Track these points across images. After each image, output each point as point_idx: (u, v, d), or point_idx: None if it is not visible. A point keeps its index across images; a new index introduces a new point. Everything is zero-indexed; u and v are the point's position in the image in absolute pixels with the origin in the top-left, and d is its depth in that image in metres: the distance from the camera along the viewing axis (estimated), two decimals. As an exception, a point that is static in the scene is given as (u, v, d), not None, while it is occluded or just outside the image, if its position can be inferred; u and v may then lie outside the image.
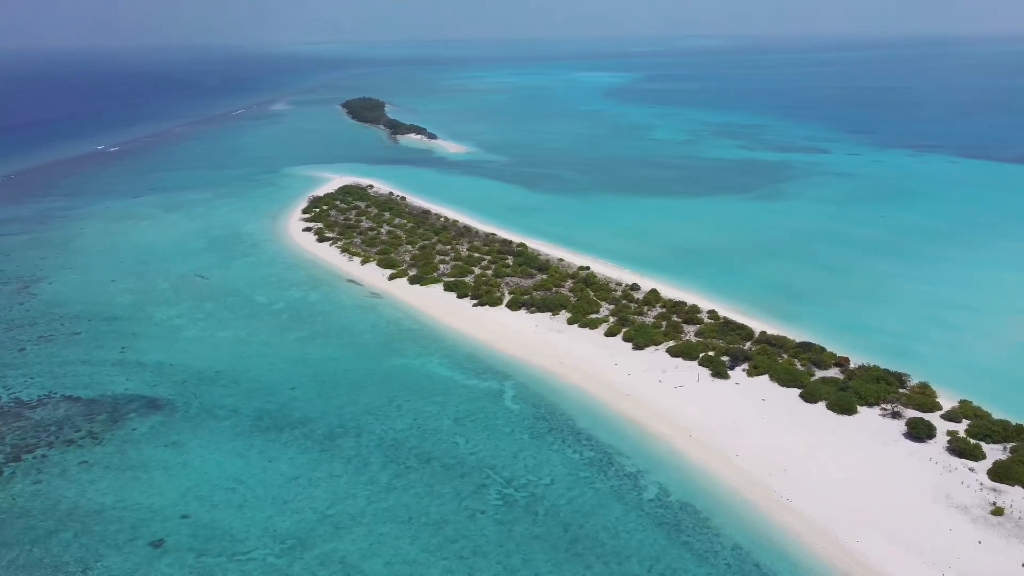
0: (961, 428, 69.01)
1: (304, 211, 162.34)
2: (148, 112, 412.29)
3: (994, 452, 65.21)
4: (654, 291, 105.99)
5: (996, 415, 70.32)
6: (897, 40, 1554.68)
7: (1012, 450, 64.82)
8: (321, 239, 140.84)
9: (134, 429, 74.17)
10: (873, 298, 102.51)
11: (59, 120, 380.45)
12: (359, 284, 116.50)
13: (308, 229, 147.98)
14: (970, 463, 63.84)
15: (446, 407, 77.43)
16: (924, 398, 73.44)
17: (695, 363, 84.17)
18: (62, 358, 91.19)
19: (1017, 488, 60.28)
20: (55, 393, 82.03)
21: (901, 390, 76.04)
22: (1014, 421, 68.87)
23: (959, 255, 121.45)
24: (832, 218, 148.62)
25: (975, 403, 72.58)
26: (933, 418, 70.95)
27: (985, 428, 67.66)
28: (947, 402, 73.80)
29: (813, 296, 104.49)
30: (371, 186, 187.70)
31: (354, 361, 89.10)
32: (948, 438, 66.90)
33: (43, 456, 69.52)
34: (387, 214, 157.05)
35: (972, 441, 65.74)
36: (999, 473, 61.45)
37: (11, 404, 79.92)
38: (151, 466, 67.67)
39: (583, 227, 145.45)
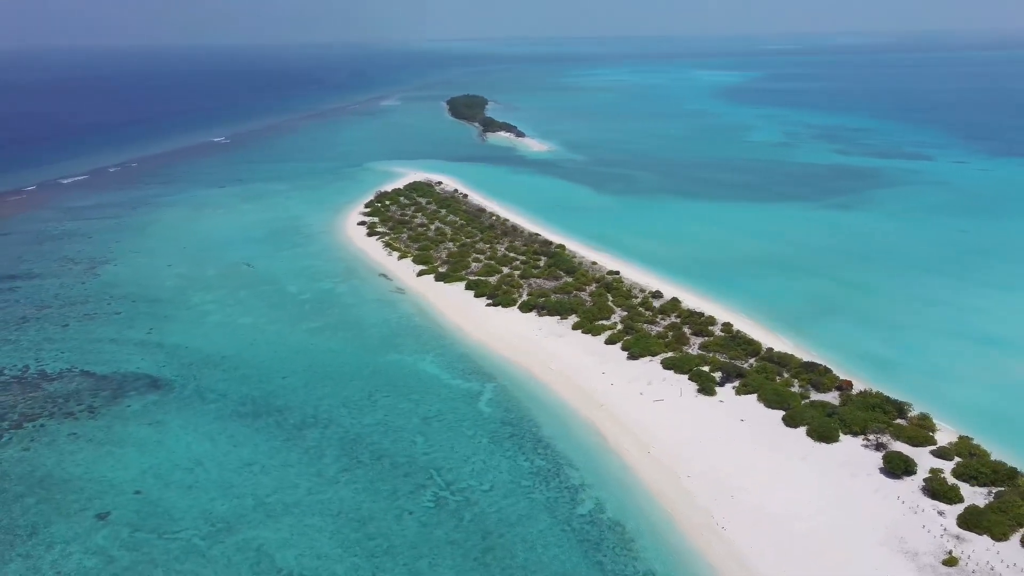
0: (949, 466, 63.01)
1: (366, 205, 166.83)
2: (269, 106, 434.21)
3: (976, 496, 59.16)
4: (674, 299, 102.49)
5: (997, 456, 63.88)
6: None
7: (996, 495, 58.58)
8: (371, 233, 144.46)
9: (128, 406, 78.86)
10: (909, 322, 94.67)
11: (189, 112, 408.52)
12: (389, 279, 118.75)
13: (363, 223, 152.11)
14: (942, 505, 58.17)
15: (420, 405, 77.91)
16: (916, 431, 67.50)
17: (686, 377, 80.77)
18: (96, 335, 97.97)
19: (984, 538, 54.44)
20: (75, 368, 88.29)
21: (898, 420, 70.24)
22: (1013, 464, 62.31)
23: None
24: (903, 231, 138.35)
25: (977, 441, 66.30)
26: (921, 453, 65.21)
27: (973, 469, 61.46)
28: (947, 437, 67.60)
29: (846, 314, 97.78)
30: (440, 183, 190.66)
31: (352, 354, 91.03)
32: (928, 476, 61.24)
33: (41, 426, 75.06)
34: (443, 211, 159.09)
35: (950, 482, 59.89)
36: (968, 520, 55.69)
37: (35, 376, 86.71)
38: (128, 442, 71.74)
39: (633, 230, 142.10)
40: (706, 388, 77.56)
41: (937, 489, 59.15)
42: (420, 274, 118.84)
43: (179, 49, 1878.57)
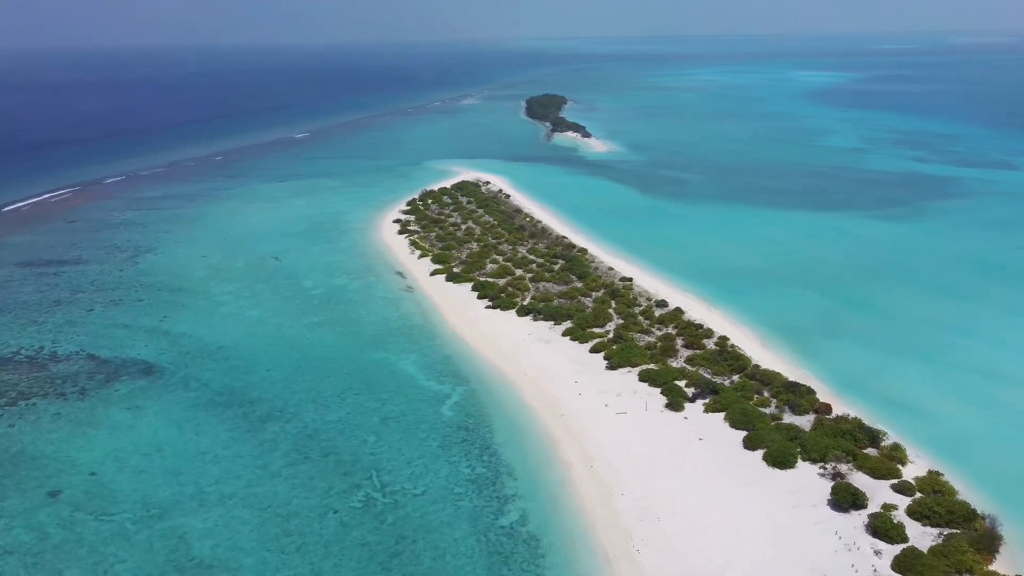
0: (906, 502, 58.59)
1: (408, 203, 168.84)
2: (354, 103, 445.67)
3: (924, 536, 54.81)
4: (677, 309, 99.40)
5: (970, 495, 59.09)
6: None
7: (946, 538, 54.11)
8: (402, 231, 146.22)
9: (117, 390, 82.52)
10: (921, 349, 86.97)
11: (281, 108, 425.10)
12: (403, 277, 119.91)
13: (398, 220, 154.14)
14: (882, 544, 54.14)
15: (386, 405, 78.30)
16: (880, 462, 63.10)
17: (659, 390, 78.12)
18: (113, 321, 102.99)
19: (916, 583, 50.35)
20: (84, 351, 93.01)
21: (869, 449, 65.90)
22: (983, 506, 57.45)
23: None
24: (952, 247, 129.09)
25: (952, 477, 61.47)
26: (882, 486, 60.96)
27: (928, 508, 56.93)
28: (915, 471, 62.92)
29: (857, 334, 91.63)
30: (488, 183, 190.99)
31: (341, 351, 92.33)
32: (876, 511, 57.14)
33: (33, 404, 79.34)
34: (480, 211, 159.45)
35: (895, 520, 55.64)
36: (903, 562, 51.58)
37: (46, 357, 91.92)
38: (103, 425, 75.05)
39: (663, 236, 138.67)
40: (674, 403, 74.84)
41: (879, 526, 55.10)
42: (433, 273, 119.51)
43: (279, 47, 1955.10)
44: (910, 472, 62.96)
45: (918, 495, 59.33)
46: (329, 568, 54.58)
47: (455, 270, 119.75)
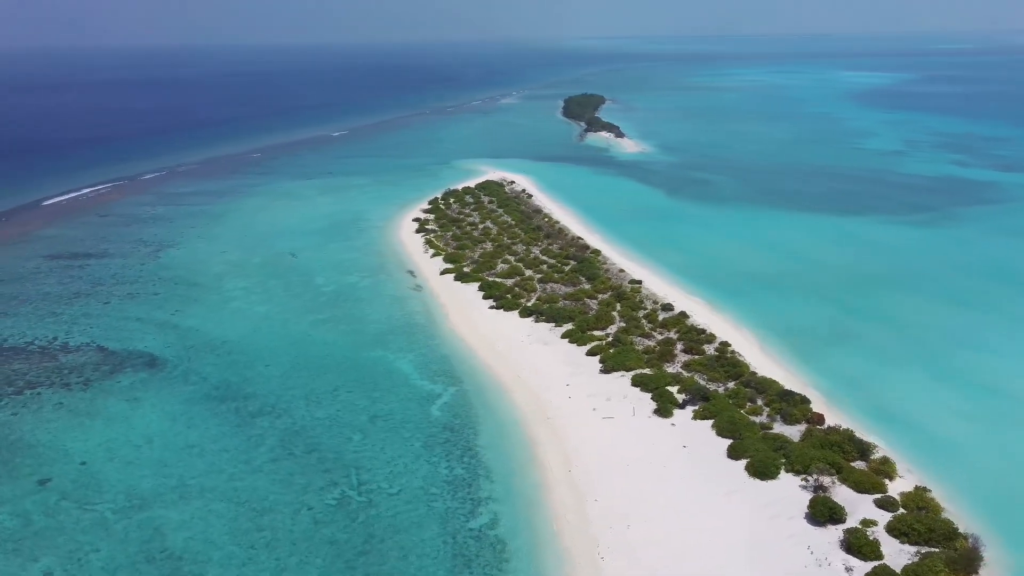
0: (887, 518, 56.77)
1: (429, 202, 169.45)
2: (397, 101, 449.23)
3: (901, 555, 53.02)
4: (682, 313, 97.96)
5: (956, 513, 57.10)
6: None
7: (922, 556, 52.28)
8: (420, 230, 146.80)
9: (119, 382, 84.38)
10: (927, 360, 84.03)
11: (326, 105, 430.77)
12: (413, 276, 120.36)
13: (417, 219, 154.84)
14: (854, 561, 52.54)
15: (376, 403, 78.60)
16: (865, 475, 61.26)
17: (649, 396, 77.02)
18: (127, 313, 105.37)
19: (884, 603, 48.76)
20: (94, 342, 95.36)
21: (858, 462, 64.04)
22: (971, 525, 55.45)
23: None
24: (975, 254, 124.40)
25: (940, 494, 59.43)
26: (864, 500, 59.18)
27: (908, 525, 55.03)
28: (902, 486, 60.92)
29: (862, 344, 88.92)
30: (512, 182, 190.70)
31: (341, 348, 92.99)
32: (852, 527, 55.47)
33: (38, 394, 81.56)
34: (500, 211, 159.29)
35: (871, 537, 53.91)
36: (872, 580, 50.07)
37: (57, 347, 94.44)
38: (101, 415, 76.75)
39: (681, 239, 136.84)
40: (663, 409, 73.69)
41: (854, 542, 53.45)
42: (443, 272, 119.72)
43: (325, 46, 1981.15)
44: (897, 487, 60.97)
45: (901, 511, 57.42)
46: (295, 565, 54.99)
47: (465, 270, 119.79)
